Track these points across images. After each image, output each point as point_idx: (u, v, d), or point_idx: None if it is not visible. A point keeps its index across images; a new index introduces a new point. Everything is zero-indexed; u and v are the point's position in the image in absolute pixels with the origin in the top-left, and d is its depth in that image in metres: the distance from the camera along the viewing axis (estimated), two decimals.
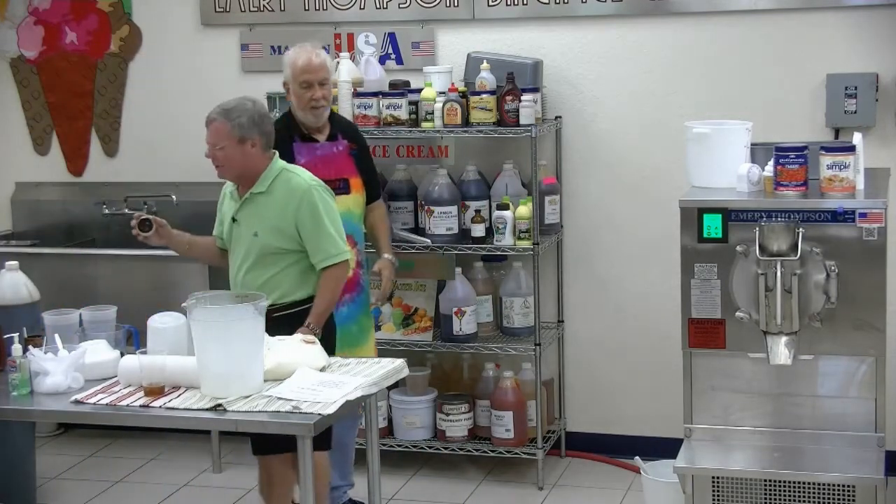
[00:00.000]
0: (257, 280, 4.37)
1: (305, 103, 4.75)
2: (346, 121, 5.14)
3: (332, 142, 4.86)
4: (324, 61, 4.77)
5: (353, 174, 4.88)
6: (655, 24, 5.50)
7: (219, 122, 4.36)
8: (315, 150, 4.81)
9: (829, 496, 4.05)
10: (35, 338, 4.12)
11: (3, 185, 6.51)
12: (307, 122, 4.80)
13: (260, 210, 4.38)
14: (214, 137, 4.39)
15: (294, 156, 4.69)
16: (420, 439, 5.56)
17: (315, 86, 4.73)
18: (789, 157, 4.15)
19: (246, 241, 4.40)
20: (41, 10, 6.38)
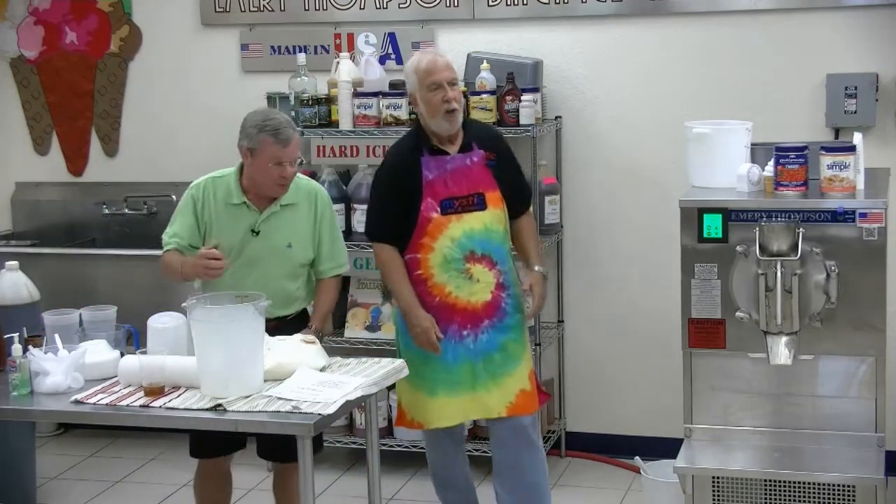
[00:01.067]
0: (283, 294, 4.34)
1: (437, 108, 4.31)
2: (485, 127, 4.69)
3: (465, 153, 4.40)
4: (449, 62, 4.40)
5: (491, 187, 4.41)
6: (655, 24, 5.50)
7: (296, 136, 4.28)
8: (445, 164, 4.37)
9: (829, 496, 4.05)
10: (35, 338, 4.11)
11: (3, 185, 6.51)
12: (440, 131, 4.35)
13: (291, 222, 4.36)
14: (296, 152, 4.29)
15: (422, 172, 4.34)
16: (420, 439, 5.54)
17: (445, 86, 4.32)
18: (789, 157, 4.15)
19: (271, 254, 4.33)
20: (41, 10, 6.38)
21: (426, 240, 4.35)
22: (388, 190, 4.41)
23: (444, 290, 4.37)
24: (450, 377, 4.40)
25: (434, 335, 4.34)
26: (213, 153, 6.09)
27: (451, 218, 4.35)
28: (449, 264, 4.35)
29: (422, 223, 4.34)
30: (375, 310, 5.67)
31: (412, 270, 4.38)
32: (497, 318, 4.43)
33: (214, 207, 4.35)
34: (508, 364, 4.45)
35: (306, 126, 5.53)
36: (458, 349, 4.39)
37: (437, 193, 4.34)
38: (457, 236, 4.34)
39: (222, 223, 4.34)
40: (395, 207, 4.37)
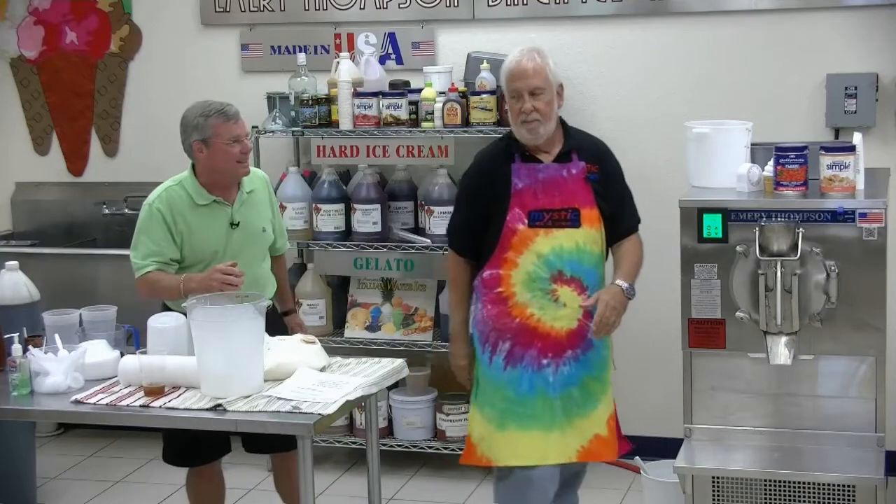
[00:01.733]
0: (265, 277, 4.45)
1: (514, 116, 3.97)
2: (590, 138, 4.21)
3: (561, 163, 4.01)
4: (539, 66, 3.96)
5: (588, 203, 3.99)
6: (655, 24, 5.50)
7: (239, 114, 4.34)
8: (536, 173, 3.99)
9: (829, 496, 4.05)
10: (35, 338, 4.12)
11: (3, 185, 6.51)
12: (521, 140, 4.01)
13: (257, 206, 4.42)
14: (247, 127, 4.38)
15: (511, 178, 3.98)
16: (420, 439, 5.56)
17: (524, 96, 3.93)
18: (789, 157, 4.15)
19: (250, 241, 4.38)
20: (41, 10, 6.38)
21: (510, 254, 3.97)
22: (471, 195, 4.09)
23: (526, 311, 3.98)
24: (523, 410, 3.99)
25: (467, 377, 4.13)
26: None
27: (538, 232, 3.96)
28: (533, 283, 3.96)
29: (506, 235, 3.97)
30: (375, 310, 5.68)
31: (492, 287, 4.02)
32: (581, 349, 4.02)
33: (185, 215, 4.29)
34: (587, 404, 4.06)
35: (306, 126, 5.54)
36: (534, 379, 3.99)
37: (526, 204, 3.96)
38: (544, 253, 3.95)
39: (198, 228, 4.29)
40: (475, 214, 4.04)
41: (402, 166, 5.67)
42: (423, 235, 5.46)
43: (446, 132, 5.38)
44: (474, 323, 4.11)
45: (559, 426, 4.00)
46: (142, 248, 4.28)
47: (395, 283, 5.68)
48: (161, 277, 4.24)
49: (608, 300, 3.94)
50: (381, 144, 5.67)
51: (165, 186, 4.36)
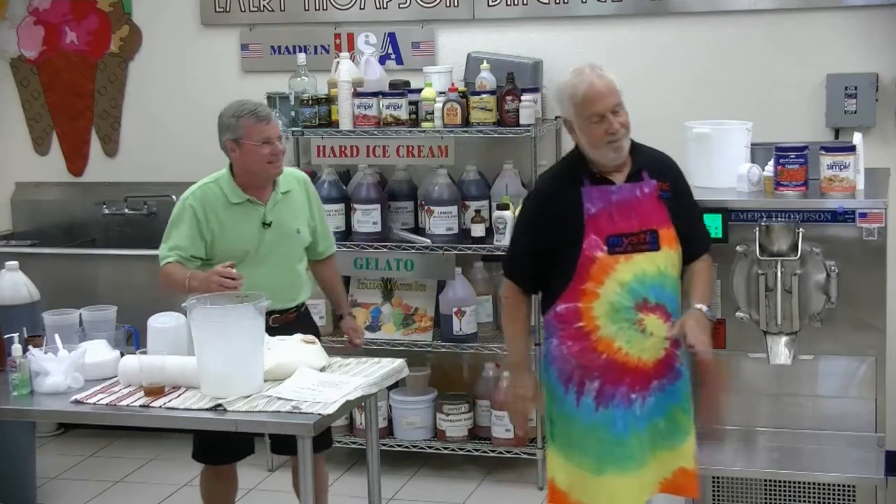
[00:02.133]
0: (298, 278, 4.46)
1: (599, 139, 3.68)
2: (657, 153, 3.93)
3: (633, 182, 3.74)
4: (610, 83, 3.75)
5: (665, 224, 3.72)
6: (655, 24, 5.50)
7: (273, 113, 4.35)
8: (610, 195, 3.70)
9: (829, 496, 4.05)
10: (35, 338, 4.12)
11: (3, 185, 6.51)
12: (605, 162, 3.72)
13: (293, 207, 4.41)
14: (279, 129, 4.35)
15: (583, 203, 3.68)
16: (420, 439, 5.56)
17: (608, 116, 3.68)
18: (789, 157, 4.15)
19: (282, 242, 4.37)
20: (41, 10, 6.38)
21: (589, 285, 3.66)
22: (535, 222, 3.77)
23: (613, 345, 3.67)
24: (621, 451, 3.71)
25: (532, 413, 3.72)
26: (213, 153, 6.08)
27: (618, 258, 3.66)
28: (618, 314, 3.66)
29: (584, 264, 3.66)
30: (375, 310, 5.68)
31: (571, 322, 3.71)
32: (668, 379, 3.75)
33: (218, 213, 4.32)
34: (674, 436, 3.78)
35: (306, 126, 5.54)
36: (627, 417, 3.70)
37: (602, 229, 3.66)
38: (626, 280, 3.65)
39: (231, 226, 4.32)
40: (540, 243, 3.73)
41: (402, 166, 5.67)
42: (423, 235, 5.46)
43: (446, 132, 5.38)
44: (549, 360, 3.79)
45: (643, 460, 3.74)
46: (168, 241, 4.35)
47: (395, 283, 5.68)
48: (174, 271, 4.28)
49: (694, 325, 3.67)
50: (381, 144, 5.67)
51: (202, 183, 4.40)
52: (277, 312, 4.33)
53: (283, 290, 4.33)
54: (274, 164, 4.30)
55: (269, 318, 4.28)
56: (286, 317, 4.39)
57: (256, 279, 4.23)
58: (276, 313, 4.31)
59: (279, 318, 4.35)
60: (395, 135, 5.48)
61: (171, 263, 4.30)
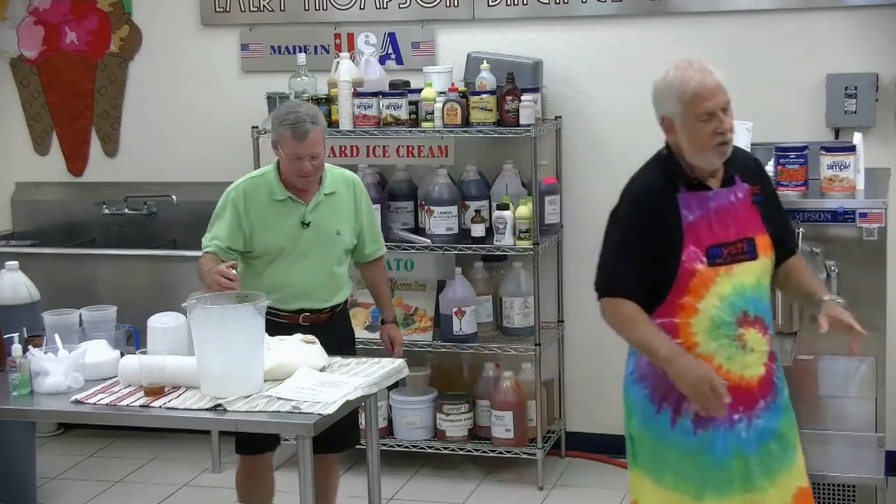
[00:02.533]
0: (334, 280, 4.42)
1: (707, 141, 3.44)
2: (744, 154, 3.70)
3: (727, 188, 3.51)
4: (719, 79, 3.49)
5: (760, 230, 3.49)
6: (655, 24, 5.50)
7: (315, 129, 4.20)
8: (707, 202, 3.46)
9: (829, 496, 4.05)
10: (35, 338, 4.11)
11: (3, 185, 6.51)
12: (706, 166, 3.48)
13: (336, 209, 4.39)
14: (315, 147, 4.19)
15: (680, 212, 3.44)
16: (420, 439, 5.56)
17: (719, 114, 3.45)
18: (789, 157, 4.16)
19: (321, 243, 4.36)
20: (41, 10, 6.38)
21: (688, 299, 3.43)
22: (637, 233, 3.48)
23: (713, 363, 3.42)
24: (721, 475, 3.45)
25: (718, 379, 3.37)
26: (213, 153, 6.12)
27: (718, 270, 3.42)
28: (718, 330, 3.43)
29: (683, 277, 3.42)
30: (375, 310, 5.65)
31: None
32: (771, 397, 3.50)
33: (259, 208, 4.32)
34: (786, 456, 3.51)
35: None
36: (728, 438, 3.44)
37: (702, 239, 3.43)
38: (726, 294, 3.42)
39: (270, 221, 4.33)
40: (645, 256, 3.45)
41: (402, 166, 5.67)
42: (423, 235, 5.46)
43: (446, 132, 5.38)
44: (638, 378, 3.59)
45: (759, 488, 3.46)
46: (209, 231, 4.37)
47: (395, 283, 5.68)
48: (204, 263, 4.29)
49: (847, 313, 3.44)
50: (381, 144, 5.67)
51: (249, 176, 4.42)
52: (309, 311, 4.35)
53: (317, 290, 4.35)
54: (304, 178, 4.27)
55: (300, 317, 4.34)
56: (318, 317, 4.39)
57: (291, 277, 4.28)
58: (307, 312, 4.34)
59: (309, 317, 4.36)
60: (395, 135, 5.48)
61: (207, 254, 4.33)
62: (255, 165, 5.60)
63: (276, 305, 4.23)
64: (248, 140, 5.65)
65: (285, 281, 4.25)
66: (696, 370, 3.37)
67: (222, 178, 6.00)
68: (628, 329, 3.51)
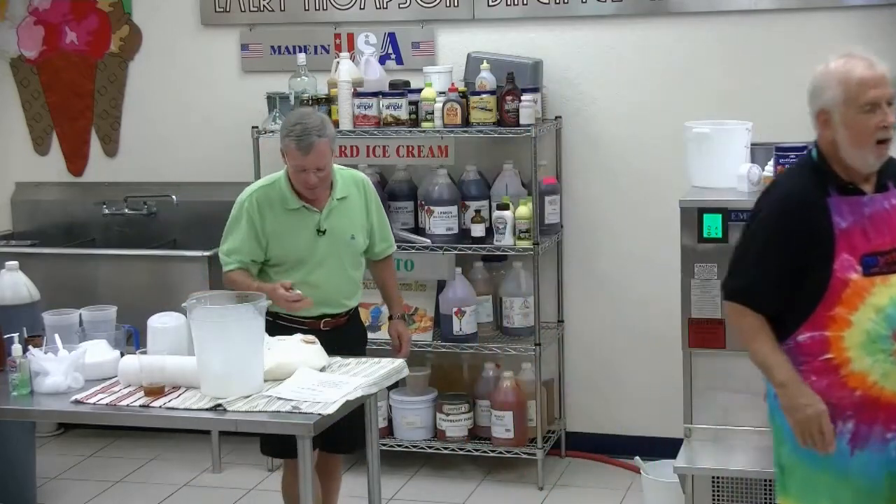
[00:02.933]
0: (352, 284, 4.42)
1: (868, 134, 3.24)
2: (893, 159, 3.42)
3: (882, 193, 3.31)
4: (885, 71, 3.27)
5: None
6: (655, 24, 5.50)
7: (321, 142, 4.16)
8: (862, 208, 3.27)
9: None
10: (35, 338, 4.11)
11: (3, 185, 6.51)
12: (861, 167, 3.29)
13: (349, 213, 4.37)
14: (320, 160, 4.15)
15: (831, 217, 3.24)
16: (420, 439, 5.56)
17: (882, 105, 3.22)
18: (789, 157, 4.16)
19: (337, 249, 4.34)
20: (41, 10, 6.38)
21: (840, 310, 3.23)
22: (781, 241, 3.29)
23: (867, 380, 3.24)
24: (871, 497, 3.30)
25: (828, 422, 3.24)
26: (213, 153, 6.12)
27: (874, 280, 3.23)
28: (874, 344, 3.23)
29: (835, 287, 3.23)
30: (375, 310, 5.67)
31: (816, 354, 3.28)
32: None
33: (274, 218, 4.29)
34: None
35: None
36: (881, 459, 3.28)
37: (856, 247, 3.24)
38: (883, 305, 3.22)
39: (285, 230, 4.29)
40: (787, 266, 3.28)
41: (402, 166, 5.67)
42: (423, 235, 5.46)
43: (446, 132, 5.38)
44: None
45: None
46: (227, 244, 4.34)
47: None
48: (239, 281, 4.26)
49: None
50: (381, 144, 5.67)
51: (259, 185, 4.37)
52: (329, 316, 4.36)
53: (335, 295, 4.35)
54: (310, 190, 4.24)
55: (321, 322, 4.34)
56: (337, 320, 4.40)
57: (310, 284, 4.25)
58: (328, 317, 4.35)
59: (330, 322, 4.36)
60: (395, 135, 5.48)
61: (233, 271, 4.30)
62: (254, 165, 5.60)
63: (295, 314, 4.26)
64: (248, 140, 5.65)
65: (304, 289, 4.21)
66: (809, 408, 3.25)
67: (222, 179, 6.03)
68: (749, 341, 3.39)
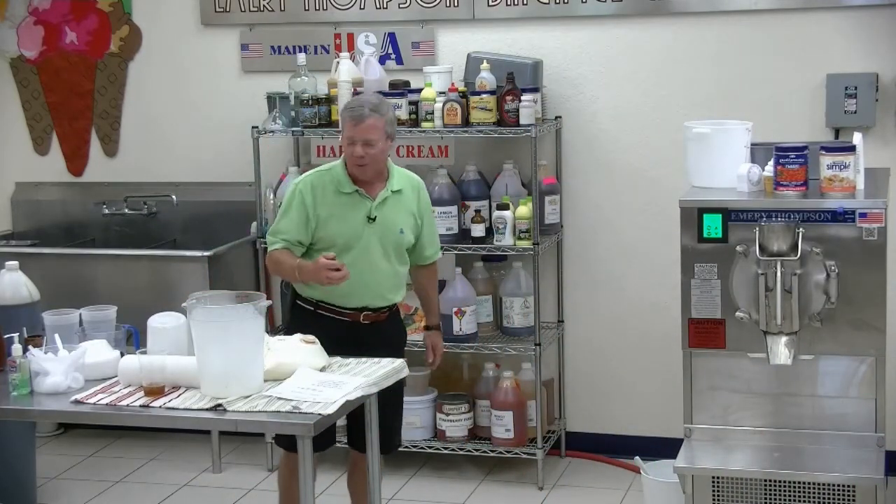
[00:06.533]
0: (396, 278, 4.42)
1: None
2: None
3: None
4: None
5: None
6: (655, 24, 5.50)
7: (374, 117, 4.25)
8: None
9: (829, 496, 4.05)
10: (35, 338, 4.11)
11: (3, 185, 6.51)
12: None
13: (401, 208, 4.40)
14: (369, 133, 4.24)
15: None
16: (420, 439, 5.56)
17: None
18: (789, 157, 4.15)
19: (385, 239, 4.36)
20: (41, 10, 6.38)
21: None
22: None
23: None
24: None
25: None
26: (213, 153, 6.12)
27: None
28: None
29: None
30: None
31: None
32: None
33: (326, 200, 4.35)
34: None
35: (306, 126, 5.53)
36: None
37: None
38: None
39: (337, 214, 4.34)
40: None
41: (402, 166, 5.66)
42: None
43: (446, 132, 5.38)
44: None
45: None
46: (275, 225, 4.40)
47: None
48: (284, 259, 4.33)
49: None
50: None
51: (317, 170, 4.43)
52: (371, 310, 4.38)
53: (378, 287, 4.37)
54: (359, 167, 4.30)
55: (361, 315, 4.36)
56: (378, 315, 4.41)
57: (355, 272, 4.25)
58: (368, 310, 4.37)
59: (370, 315, 4.39)
60: None
61: (278, 250, 4.35)
62: (254, 165, 5.60)
63: (337, 302, 4.30)
64: (248, 140, 5.65)
65: (350, 274, 4.22)
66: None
67: (222, 179, 6.04)
68: None
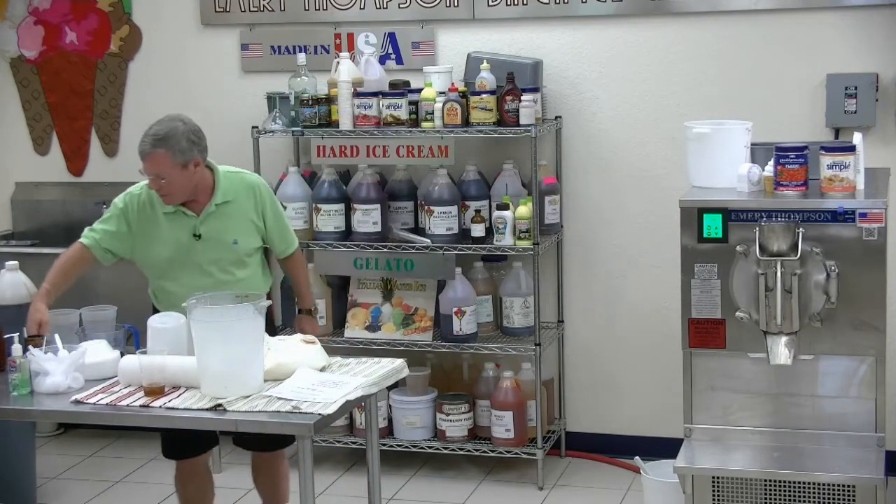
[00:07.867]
0: (241, 284, 4.36)
1: None
2: None
3: None
4: None
5: None
6: (655, 24, 5.50)
7: (156, 153, 4.15)
8: None
9: (829, 496, 4.05)
10: (35, 338, 4.12)
11: (3, 185, 6.51)
12: None
13: (231, 218, 4.36)
14: (154, 168, 4.15)
15: None
16: (420, 439, 5.56)
17: None
18: (789, 157, 4.15)
19: (215, 252, 4.34)
20: (41, 10, 6.38)
21: None
22: None
23: None
24: None
25: None
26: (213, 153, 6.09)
27: None
28: None
29: None
30: (375, 310, 5.68)
31: None
32: None
33: (152, 218, 4.32)
34: None
35: (306, 126, 5.53)
36: None
37: None
38: None
39: (162, 232, 4.32)
40: None
41: (402, 166, 5.67)
42: (423, 235, 5.46)
43: (446, 132, 5.38)
44: None
45: None
46: (95, 224, 4.37)
47: (395, 283, 5.68)
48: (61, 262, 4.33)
49: None
50: (381, 144, 5.67)
51: (143, 184, 4.35)
52: None
53: None
54: (161, 195, 4.23)
55: None
56: None
57: (188, 290, 4.16)
58: None
59: None
60: (395, 135, 5.48)
61: (79, 245, 4.35)
62: (255, 165, 5.60)
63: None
64: (248, 140, 5.65)
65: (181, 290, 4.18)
66: None
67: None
68: None
